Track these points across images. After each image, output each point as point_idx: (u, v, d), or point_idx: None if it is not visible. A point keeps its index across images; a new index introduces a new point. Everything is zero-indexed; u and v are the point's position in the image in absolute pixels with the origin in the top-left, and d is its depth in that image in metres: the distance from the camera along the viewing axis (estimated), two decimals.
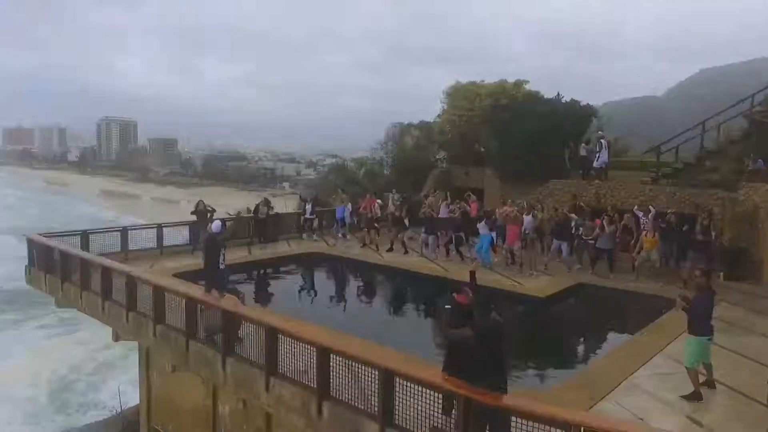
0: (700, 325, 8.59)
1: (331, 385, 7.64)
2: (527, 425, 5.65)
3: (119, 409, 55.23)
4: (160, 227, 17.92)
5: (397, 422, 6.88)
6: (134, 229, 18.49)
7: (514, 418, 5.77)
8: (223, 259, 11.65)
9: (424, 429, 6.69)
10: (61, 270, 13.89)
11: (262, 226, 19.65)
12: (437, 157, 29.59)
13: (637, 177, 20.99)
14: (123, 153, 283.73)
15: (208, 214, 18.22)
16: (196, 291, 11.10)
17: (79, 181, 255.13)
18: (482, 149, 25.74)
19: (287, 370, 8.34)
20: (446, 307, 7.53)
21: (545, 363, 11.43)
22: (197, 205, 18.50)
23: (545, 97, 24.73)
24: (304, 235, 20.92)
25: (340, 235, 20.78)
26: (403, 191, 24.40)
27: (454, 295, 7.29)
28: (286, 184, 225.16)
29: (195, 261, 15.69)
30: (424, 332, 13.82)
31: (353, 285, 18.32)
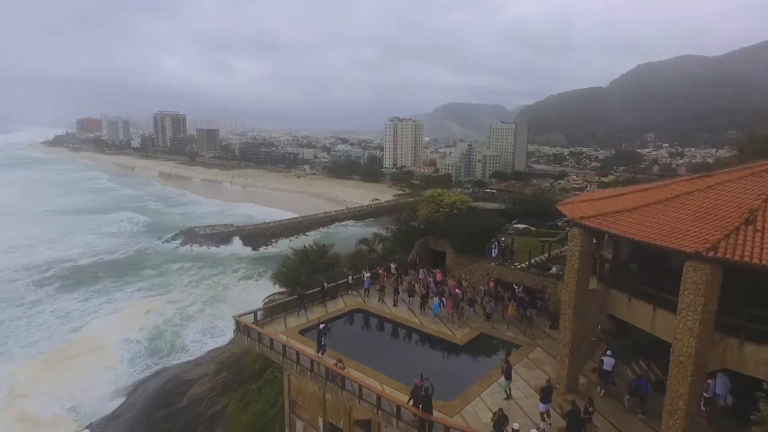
0: (507, 375, 20.45)
1: (381, 405, 19.36)
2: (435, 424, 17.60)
3: (199, 354, 67.35)
4: (284, 303, 28.87)
5: (403, 419, 18.59)
6: (272, 303, 29.61)
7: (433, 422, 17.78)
8: (324, 342, 23.31)
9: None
10: (258, 337, 24.94)
11: (325, 291, 30.67)
12: (420, 229, 39.56)
13: (533, 243, 32.15)
14: (175, 140, 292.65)
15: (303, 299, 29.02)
16: (313, 348, 22.98)
17: (142, 164, 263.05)
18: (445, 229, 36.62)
19: (365, 396, 20.10)
20: (415, 381, 19.05)
21: (454, 385, 20.94)
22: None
23: (479, 206, 35.85)
24: (349, 292, 31.99)
25: (366, 295, 31.44)
26: (399, 258, 35.68)
27: (416, 380, 19.01)
28: (306, 167, 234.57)
29: (303, 320, 27.19)
30: (404, 361, 23.95)
31: (375, 327, 28.02)
